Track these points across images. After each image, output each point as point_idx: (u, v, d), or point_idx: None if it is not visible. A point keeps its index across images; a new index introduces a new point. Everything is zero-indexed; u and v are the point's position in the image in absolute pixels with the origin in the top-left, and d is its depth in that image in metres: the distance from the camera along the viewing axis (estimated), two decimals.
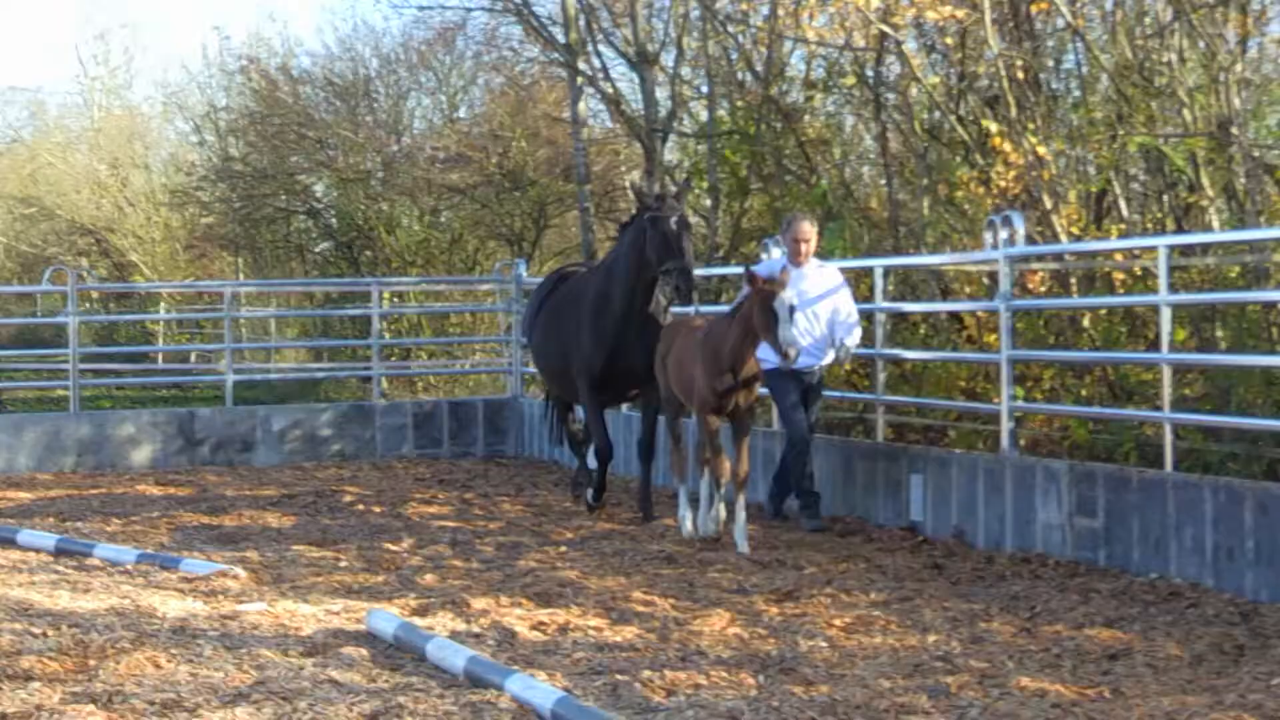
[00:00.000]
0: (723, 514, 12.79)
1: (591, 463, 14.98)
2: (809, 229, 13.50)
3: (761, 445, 14.86)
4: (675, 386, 13.13)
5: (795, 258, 13.29)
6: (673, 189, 14.48)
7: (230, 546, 13.08)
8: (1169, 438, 11.10)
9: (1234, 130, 13.86)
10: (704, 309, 14.87)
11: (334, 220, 31.62)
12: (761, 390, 12.93)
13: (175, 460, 19.44)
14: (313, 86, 32.42)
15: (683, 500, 13.20)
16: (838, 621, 9.54)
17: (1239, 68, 14.73)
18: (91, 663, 8.54)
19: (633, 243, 13.70)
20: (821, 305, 13.17)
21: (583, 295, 14.61)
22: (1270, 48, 16.44)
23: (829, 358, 13.30)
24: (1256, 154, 14.05)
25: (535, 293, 16.48)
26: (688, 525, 12.94)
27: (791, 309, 11.61)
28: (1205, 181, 14.03)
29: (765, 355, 12.33)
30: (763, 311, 11.57)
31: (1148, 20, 15.94)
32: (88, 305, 36.12)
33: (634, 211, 13.96)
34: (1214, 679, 7.99)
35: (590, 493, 14.70)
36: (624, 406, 16.98)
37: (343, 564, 12.12)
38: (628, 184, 14.59)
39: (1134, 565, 10.85)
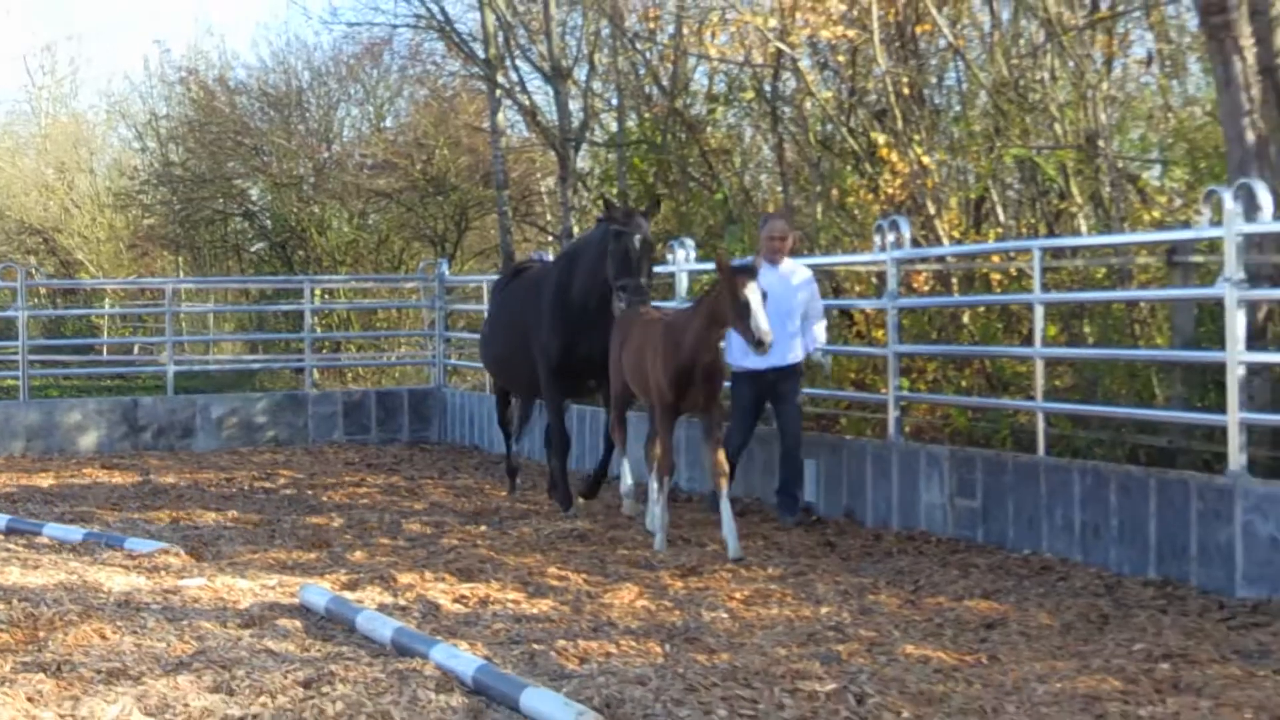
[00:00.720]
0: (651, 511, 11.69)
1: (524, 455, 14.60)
2: (784, 227, 12.72)
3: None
4: (631, 378, 12.04)
5: (771, 255, 12.28)
6: (641, 207, 13.54)
7: (172, 526, 13.00)
8: (1041, 425, 11.22)
9: (1100, 143, 14.01)
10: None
11: (268, 222, 31.45)
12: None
13: (119, 445, 19.32)
14: (248, 97, 32.21)
15: (655, 504, 11.68)
16: (738, 594, 9.59)
17: (1105, 86, 14.91)
18: (41, 634, 8.47)
19: (596, 245, 12.95)
20: (795, 303, 12.32)
21: (541, 285, 13.79)
22: (1133, 68, 16.63)
23: (825, 365, 13.11)
24: (1120, 165, 14.21)
25: (492, 291, 15.95)
26: (660, 538, 11.41)
27: (764, 296, 10.56)
28: (1074, 190, 14.17)
29: (733, 359, 12.13)
30: (734, 301, 10.49)
31: (1022, 41, 16.10)
32: (36, 300, 35.72)
33: (600, 218, 13.25)
34: (1081, 645, 8.09)
35: (558, 493, 13.51)
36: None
37: (277, 542, 12.07)
38: (603, 199, 13.85)
39: (1009, 542, 10.97)
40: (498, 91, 23.93)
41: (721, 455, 11.26)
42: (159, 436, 19.56)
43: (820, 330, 12.71)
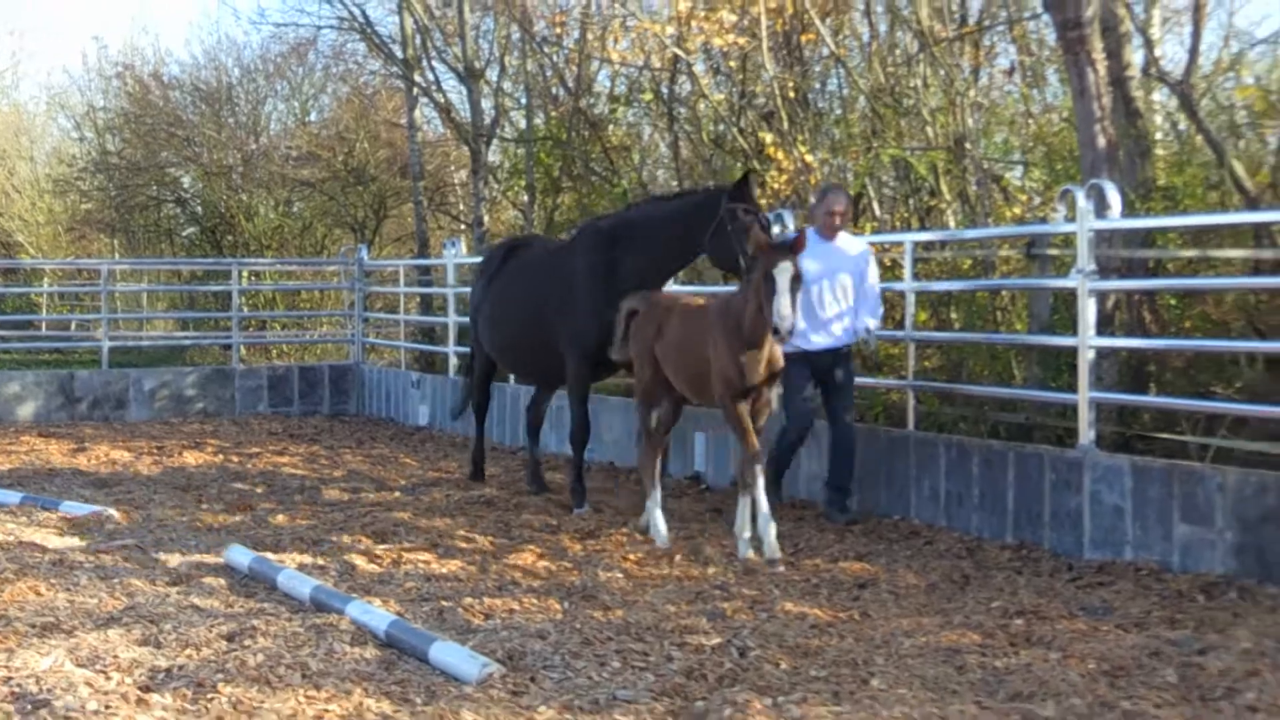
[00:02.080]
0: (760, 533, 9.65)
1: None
2: (844, 202, 11.02)
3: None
4: (674, 370, 10.19)
5: (826, 231, 10.78)
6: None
7: (105, 490, 12.84)
8: (911, 403, 11.32)
9: (967, 145, 14.14)
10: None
11: (199, 208, 31.13)
12: None
13: (56, 416, 19.08)
14: (181, 91, 31.84)
15: (654, 506, 10.35)
16: (632, 556, 9.60)
17: (972, 93, 15.04)
18: None
19: (663, 222, 11.07)
20: (848, 278, 10.76)
21: (565, 264, 11.87)
22: (998, 77, 16.83)
23: (870, 342, 10.98)
24: (985, 166, 14.34)
25: (482, 268, 13.41)
26: (663, 533, 10.17)
27: (795, 279, 8.89)
28: (944, 188, 14.28)
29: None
30: (765, 280, 8.90)
31: (898, 51, 16.21)
32: None
33: (704, 193, 10.96)
34: (945, 603, 8.16)
35: (576, 492, 11.62)
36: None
37: (204, 506, 11.95)
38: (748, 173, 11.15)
39: (881, 509, 11.05)
40: (415, 90, 23.89)
41: (758, 454, 9.57)
42: (94, 407, 19.34)
43: (875, 323, 10.93)
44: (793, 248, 9.02)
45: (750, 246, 9.61)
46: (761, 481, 9.58)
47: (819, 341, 10.69)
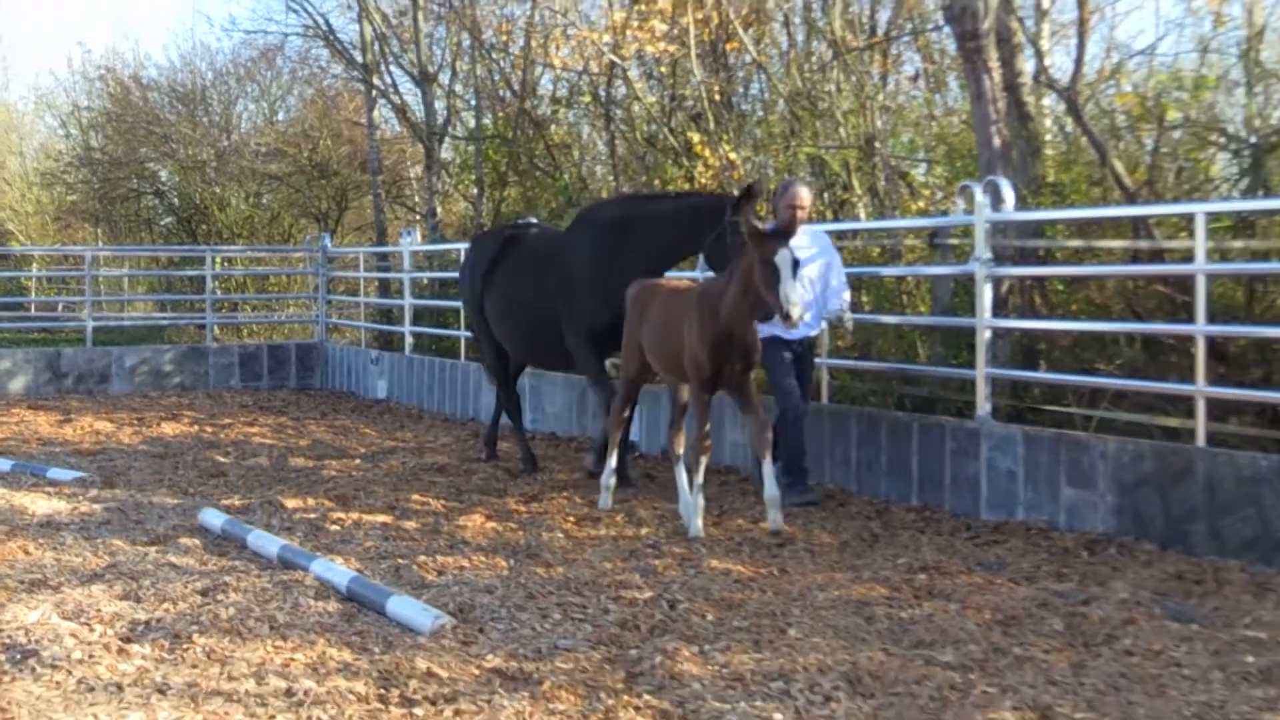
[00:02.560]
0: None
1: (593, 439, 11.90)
2: (806, 195, 10.13)
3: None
4: (655, 355, 9.47)
5: (789, 225, 8.87)
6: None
7: (89, 458, 12.72)
8: (826, 377, 11.35)
9: (877, 144, 14.18)
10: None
11: (176, 200, 30.81)
12: None
13: (45, 389, 18.89)
14: (159, 92, 31.51)
15: (609, 475, 9.97)
16: (572, 518, 9.60)
17: (880, 97, 15.11)
18: None
19: (670, 220, 10.35)
20: (814, 268, 9.97)
21: (570, 252, 11.08)
22: (904, 83, 16.90)
23: (845, 322, 10.18)
24: (893, 163, 14.39)
25: (476, 254, 12.33)
26: (608, 501, 9.87)
27: (795, 264, 8.17)
28: (855, 183, 14.29)
29: (761, 325, 9.03)
30: (764, 266, 8.14)
31: (814, 59, 16.23)
32: None
33: (696, 193, 10.44)
34: (856, 560, 8.20)
35: (621, 474, 10.40)
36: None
37: (180, 472, 11.86)
38: (750, 188, 9.36)
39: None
40: (374, 92, 23.84)
41: (764, 426, 8.87)
42: (79, 382, 19.17)
43: (846, 307, 10.25)
44: (785, 233, 8.24)
45: (745, 232, 8.42)
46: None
47: (792, 330, 9.51)
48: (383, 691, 5.67)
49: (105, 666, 6.02)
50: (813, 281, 10.01)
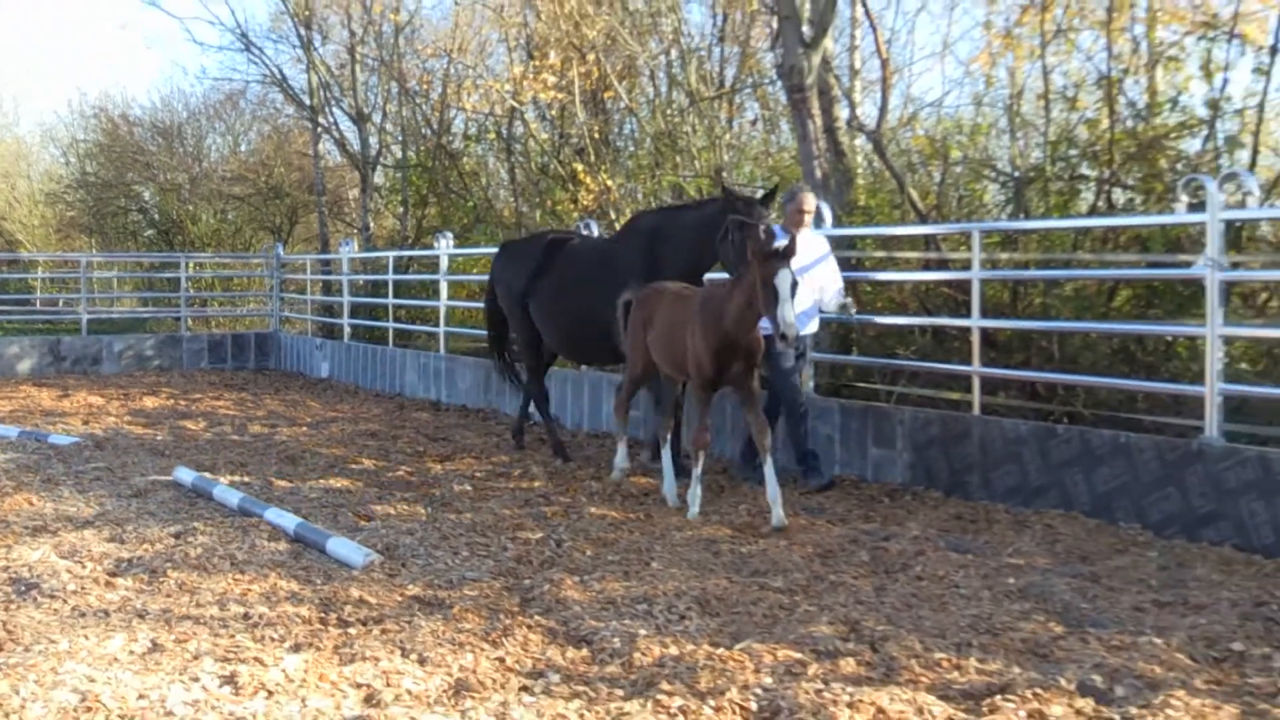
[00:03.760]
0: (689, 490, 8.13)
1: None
2: (811, 200, 9.11)
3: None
4: (661, 355, 8.50)
5: (795, 226, 8.86)
6: (759, 195, 8.88)
7: (83, 426, 12.40)
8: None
9: (724, 175, 14.23)
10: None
11: (156, 215, 30.29)
12: None
13: (47, 371, 18.51)
14: (143, 128, 30.92)
15: (623, 453, 9.32)
16: (479, 473, 9.53)
17: (727, 137, 15.15)
18: None
19: (694, 227, 9.09)
20: (814, 272, 8.90)
21: (618, 259, 9.70)
22: (745, 125, 17.00)
23: (850, 309, 9.08)
24: (738, 189, 14.44)
25: (519, 257, 10.71)
26: (622, 467, 9.25)
27: (794, 285, 7.20)
28: None
29: (762, 322, 7.69)
30: (764, 287, 7.18)
31: (674, 105, 16.26)
32: None
33: (719, 198, 8.95)
34: (707, 507, 8.19)
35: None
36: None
37: (158, 438, 11.59)
38: (724, 187, 9.11)
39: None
40: (319, 128, 23.56)
41: (765, 422, 7.90)
42: (76, 364, 18.79)
43: (843, 291, 9.15)
44: (786, 255, 7.25)
45: (749, 250, 7.41)
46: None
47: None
48: (323, 615, 5.61)
49: (95, 596, 5.94)
50: (812, 282, 8.88)
